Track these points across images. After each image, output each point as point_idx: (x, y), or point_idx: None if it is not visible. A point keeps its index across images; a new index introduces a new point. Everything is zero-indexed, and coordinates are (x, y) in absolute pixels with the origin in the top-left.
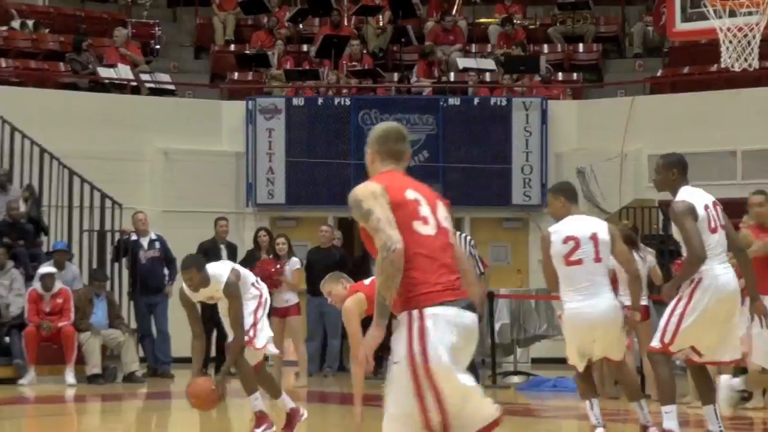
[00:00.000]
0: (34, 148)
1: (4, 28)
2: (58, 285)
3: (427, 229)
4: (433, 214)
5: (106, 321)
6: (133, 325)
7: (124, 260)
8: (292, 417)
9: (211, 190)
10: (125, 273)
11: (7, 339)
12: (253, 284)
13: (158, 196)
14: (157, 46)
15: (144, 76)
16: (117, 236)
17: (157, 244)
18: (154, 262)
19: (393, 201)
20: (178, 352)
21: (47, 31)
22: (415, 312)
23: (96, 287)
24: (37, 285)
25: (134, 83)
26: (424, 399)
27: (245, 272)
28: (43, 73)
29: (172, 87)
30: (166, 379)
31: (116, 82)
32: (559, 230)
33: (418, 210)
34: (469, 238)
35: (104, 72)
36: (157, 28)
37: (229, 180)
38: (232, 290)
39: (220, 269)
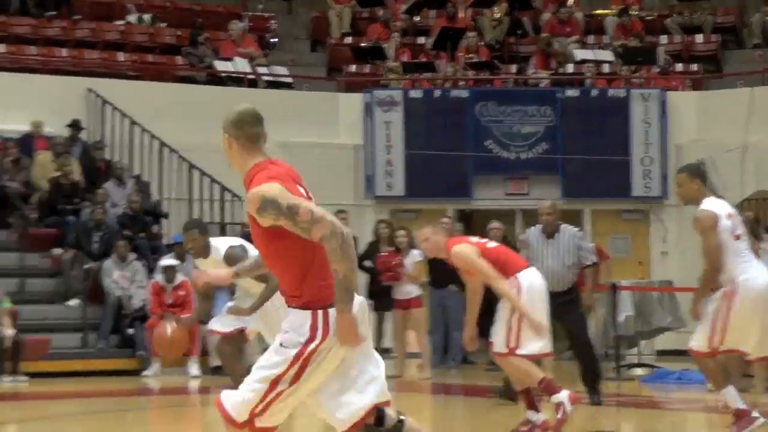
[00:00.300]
0: (153, 142)
1: (121, 22)
2: (179, 277)
3: None
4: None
5: None
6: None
7: None
8: None
9: (330, 182)
10: None
11: (130, 331)
12: None
13: None
14: (273, 39)
15: (261, 69)
16: (237, 228)
17: None
18: None
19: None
20: None
21: (164, 24)
22: (321, 312)
23: None
24: (159, 277)
25: (251, 76)
26: (275, 388)
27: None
28: (160, 66)
29: (289, 80)
30: None
31: (233, 75)
32: (719, 207)
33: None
34: (575, 229)
35: (221, 65)
36: (272, 21)
37: (347, 172)
38: (237, 254)
39: (223, 242)
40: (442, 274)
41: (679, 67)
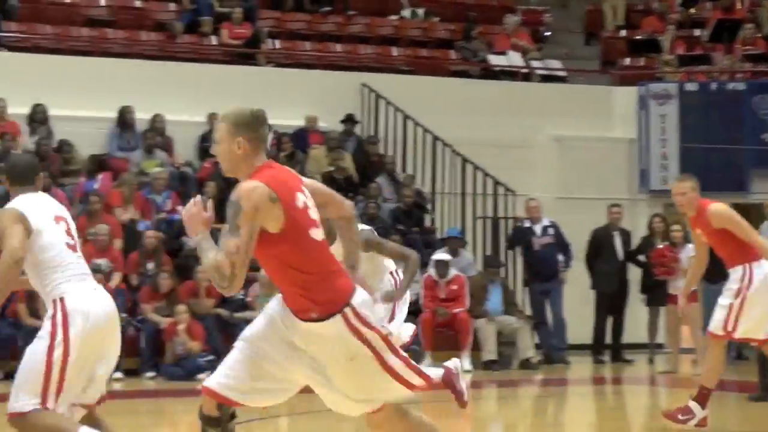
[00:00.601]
0: (426, 136)
1: (395, 17)
2: (452, 272)
3: (318, 234)
4: (316, 213)
5: (501, 308)
6: (528, 311)
7: (518, 247)
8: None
9: (604, 176)
10: (519, 260)
11: None
12: (390, 273)
13: (551, 183)
14: (547, 33)
15: (534, 63)
16: (510, 223)
17: (551, 231)
18: (548, 248)
19: (286, 208)
20: (573, 338)
21: (437, 19)
22: (348, 309)
23: (491, 274)
24: (431, 271)
25: (525, 70)
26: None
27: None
28: (433, 61)
29: (562, 74)
30: (561, 365)
31: (507, 69)
32: None
33: (309, 214)
34: None
35: (495, 59)
36: (546, 15)
37: (621, 166)
38: (370, 237)
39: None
40: (717, 268)
41: None
